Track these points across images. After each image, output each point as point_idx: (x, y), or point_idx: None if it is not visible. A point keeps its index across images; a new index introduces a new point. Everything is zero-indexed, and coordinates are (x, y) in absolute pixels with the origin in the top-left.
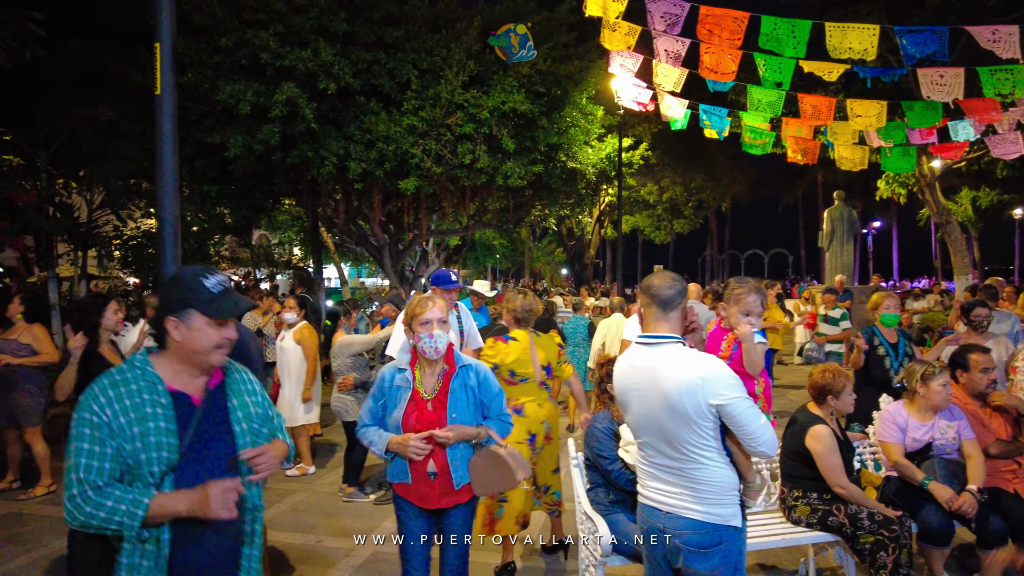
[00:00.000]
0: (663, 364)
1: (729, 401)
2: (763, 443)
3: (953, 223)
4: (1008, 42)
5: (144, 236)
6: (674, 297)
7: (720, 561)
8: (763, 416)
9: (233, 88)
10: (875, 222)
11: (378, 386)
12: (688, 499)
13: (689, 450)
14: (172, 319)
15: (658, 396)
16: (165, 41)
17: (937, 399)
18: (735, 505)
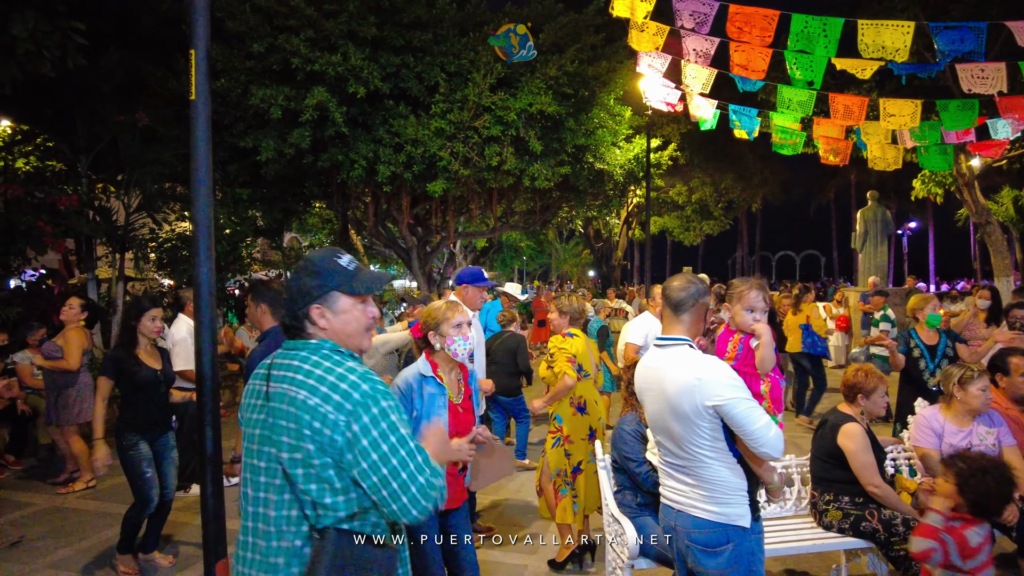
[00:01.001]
0: (668, 365)
1: (726, 402)
2: (764, 444)
3: (993, 223)
4: None
5: (178, 239)
6: (685, 300)
7: (729, 561)
8: (766, 417)
9: (265, 93)
10: (911, 223)
11: (403, 399)
12: (696, 498)
13: (692, 450)
14: (316, 306)
15: (663, 397)
16: (200, 48)
17: (975, 403)
18: (743, 505)
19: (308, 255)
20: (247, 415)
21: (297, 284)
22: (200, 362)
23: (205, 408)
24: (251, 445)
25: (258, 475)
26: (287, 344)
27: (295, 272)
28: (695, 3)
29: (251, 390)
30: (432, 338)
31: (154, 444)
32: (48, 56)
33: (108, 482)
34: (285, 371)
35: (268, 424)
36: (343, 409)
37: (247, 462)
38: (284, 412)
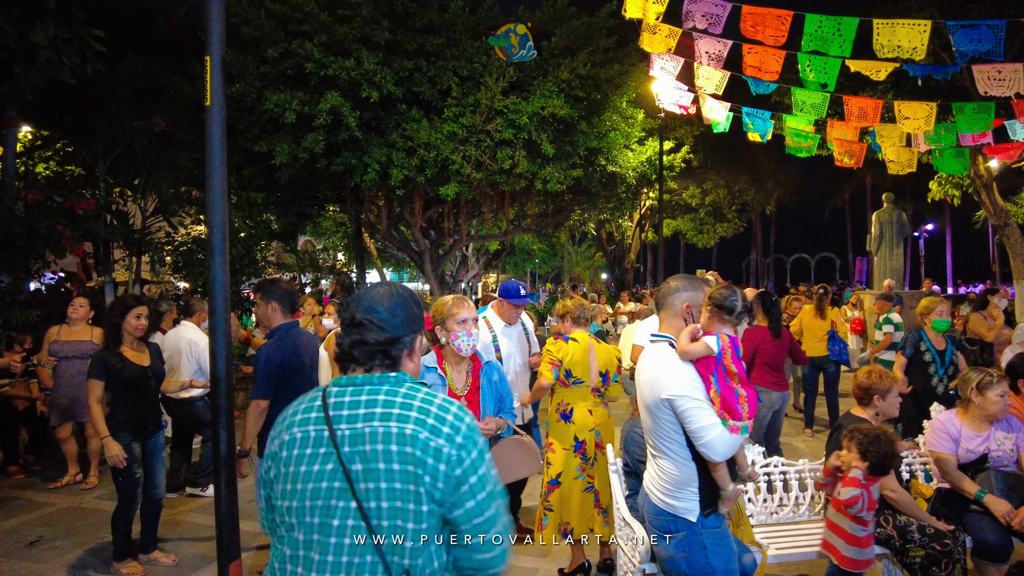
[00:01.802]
0: (648, 360)
1: (674, 397)
2: (703, 443)
3: (1012, 225)
4: None
5: (194, 242)
6: (663, 297)
7: (678, 548)
8: (712, 419)
9: (279, 98)
10: (927, 225)
11: None
12: (656, 485)
13: (656, 441)
14: (418, 337)
15: (639, 388)
16: (215, 54)
17: (993, 409)
18: (691, 500)
19: (399, 285)
20: (295, 468)
21: (407, 312)
22: (214, 364)
23: (219, 410)
24: (313, 502)
25: (329, 535)
26: (360, 379)
27: (400, 301)
28: (707, 4)
29: (302, 438)
30: (439, 332)
31: (145, 444)
32: (68, 63)
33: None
34: (371, 407)
35: (348, 473)
36: (453, 442)
37: (305, 522)
38: (384, 453)
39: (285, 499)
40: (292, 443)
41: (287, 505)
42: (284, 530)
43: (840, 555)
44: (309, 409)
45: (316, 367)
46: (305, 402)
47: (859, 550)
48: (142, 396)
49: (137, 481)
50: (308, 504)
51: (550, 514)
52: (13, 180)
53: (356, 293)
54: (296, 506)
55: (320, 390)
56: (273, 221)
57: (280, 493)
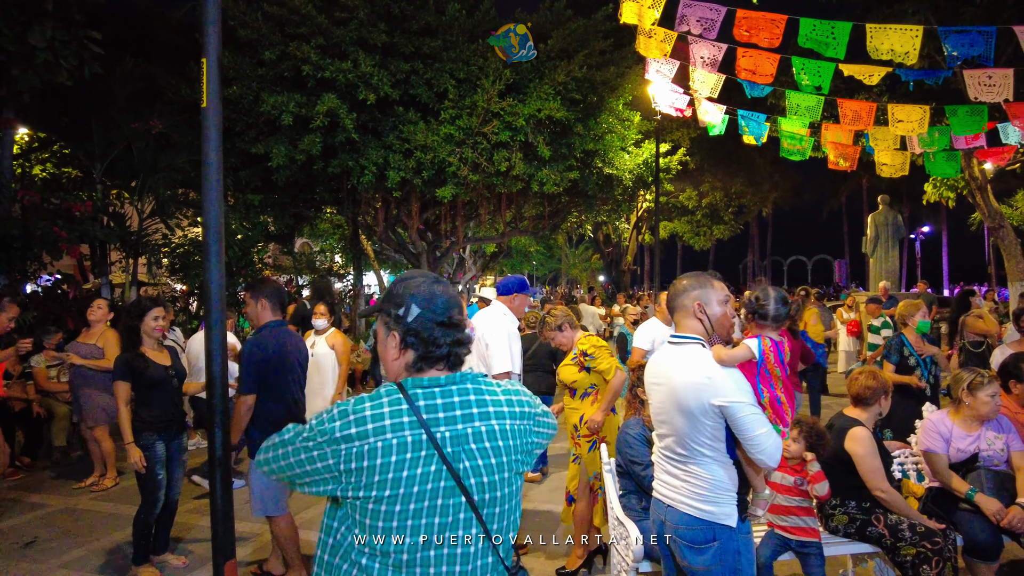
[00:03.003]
0: (680, 362)
1: (731, 403)
2: (761, 451)
3: (1007, 227)
4: None
5: (191, 244)
6: (674, 298)
7: (714, 558)
8: (768, 426)
9: (276, 100)
10: (923, 227)
11: None
12: (687, 494)
13: (692, 446)
14: None
15: (670, 392)
16: (211, 56)
17: (984, 410)
18: (730, 505)
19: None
20: (399, 474)
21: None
22: (210, 365)
23: (215, 410)
24: (434, 502)
25: (457, 528)
26: (444, 380)
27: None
28: (702, 9)
29: (400, 444)
30: None
31: (169, 445)
32: (65, 65)
33: (121, 484)
34: (468, 407)
35: (455, 472)
36: (543, 424)
37: (416, 524)
38: (493, 449)
39: (385, 504)
40: (394, 449)
41: (387, 510)
42: (381, 535)
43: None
44: (397, 412)
45: (304, 367)
46: (380, 407)
47: (815, 518)
48: (167, 396)
49: (161, 483)
50: (413, 507)
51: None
52: (10, 182)
53: (424, 284)
54: (399, 510)
55: (392, 392)
56: (270, 223)
57: (378, 500)
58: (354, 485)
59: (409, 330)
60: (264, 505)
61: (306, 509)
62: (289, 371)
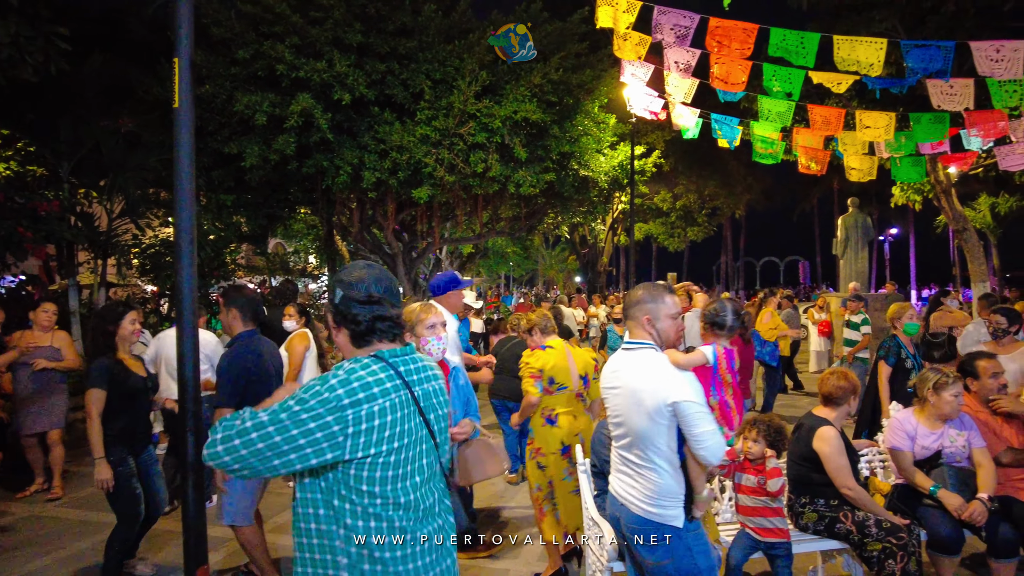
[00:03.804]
0: (633, 366)
1: (681, 401)
2: (705, 447)
3: (970, 230)
4: (1012, 60)
5: (162, 245)
6: (628, 307)
7: (665, 554)
8: (714, 425)
9: (250, 99)
10: (892, 229)
11: None
12: (637, 495)
13: (646, 447)
14: None
15: (626, 395)
16: (184, 55)
17: (947, 409)
18: (677, 508)
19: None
20: (397, 428)
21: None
22: (182, 368)
23: (187, 415)
24: (420, 447)
25: (421, 460)
26: (408, 349)
27: (392, 280)
28: (676, 16)
29: (393, 404)
30: (407, 338)
31: (139, 458)
32: (31, 61)
33: (87, 491)
34: (425, 371)
35: (431, 420)
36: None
37: (415, 466)
38: (443, 403)
39: (393, 456)
40: (387, 410)
41: (394, 460)
42: (386, 484)
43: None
44: (389, 379)
45: (281, 372)
46: (375, 374)
47: (784, 519)
48: (142, 409)
49: (139, 496)
50: (407, 455)
51: (558, 509)
52: None
53: (350, 272)
54: (400, 459)
55: (375, 362)
56: (243, 223)
57: (386, 454)
58: (363, 445)
59: (336, 311)
60: (235, 514)
61: (279, 514)
62: (267, 380)
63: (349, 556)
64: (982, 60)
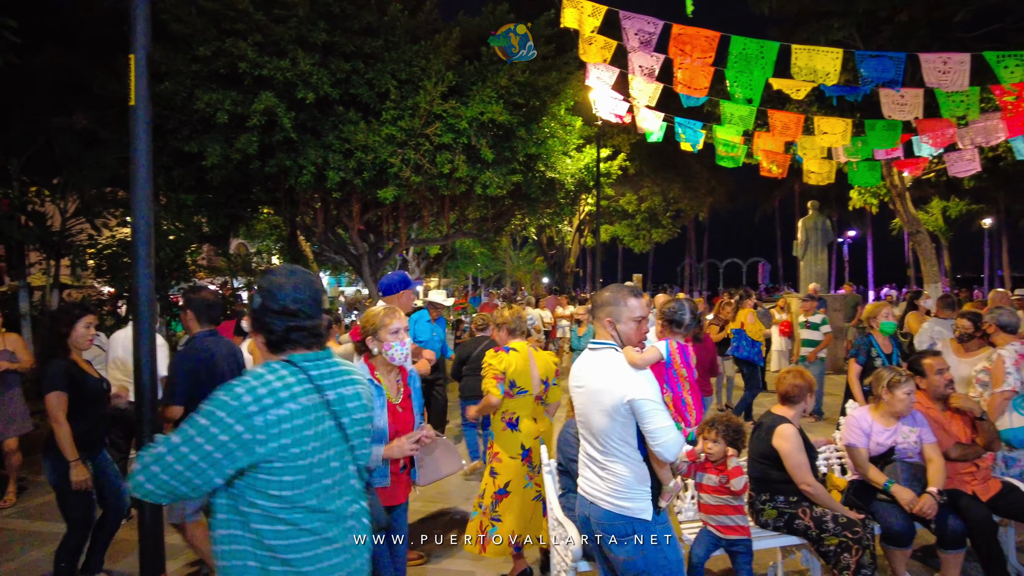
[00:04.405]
0: (594, 366)
1: (637, 398)
2: (660, 443)
3: (923, 232)
4: (958, 72)
5: (119, 245)
6: (594, 309)
7: (635, 550)
8: (668, 421)
9: (211, 97)
10: (850, 231)
11: None
12: (605, 491)
13: (608, 444)
14: None
15: (589, 394)
16: (140, 51)
17: (900, 406)
18: (645, 500)
19: (304, 270)
20: (305, 432)
21: (320, 296)
22: (139, 372)
23: (144, 419)
24: (330, 449)
25: (330, 463)
26: (318, 355)
27: (316, 287)
28: (641, 22)
29: (304, 408)
30: (370, 343)
31: (95, 462)
32: None
33: (38, 499)
34: (340, 375)
35: (345, 423)
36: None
37: (324, 469)
38: (359, 407)
39: (299, 460)
40: (296, 413)
41: (301, 464)
42: (295, 488)
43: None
44: (297, 383)
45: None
46: (284, 379)
47: (745, 516)
48: (100, 412)
49: (93, 502)
50: (318, 458)
51: (498, 525)
52: None
53: (270, 280)
54: (307, 463)
55: (285, 367)
56: (204, 223)
57: (292, 457)
58: (270, 450)
59: (254, 317)
60: (185, 511)
61: None
62: (220, 380)
63: (259, 560)
64: (931, 71)
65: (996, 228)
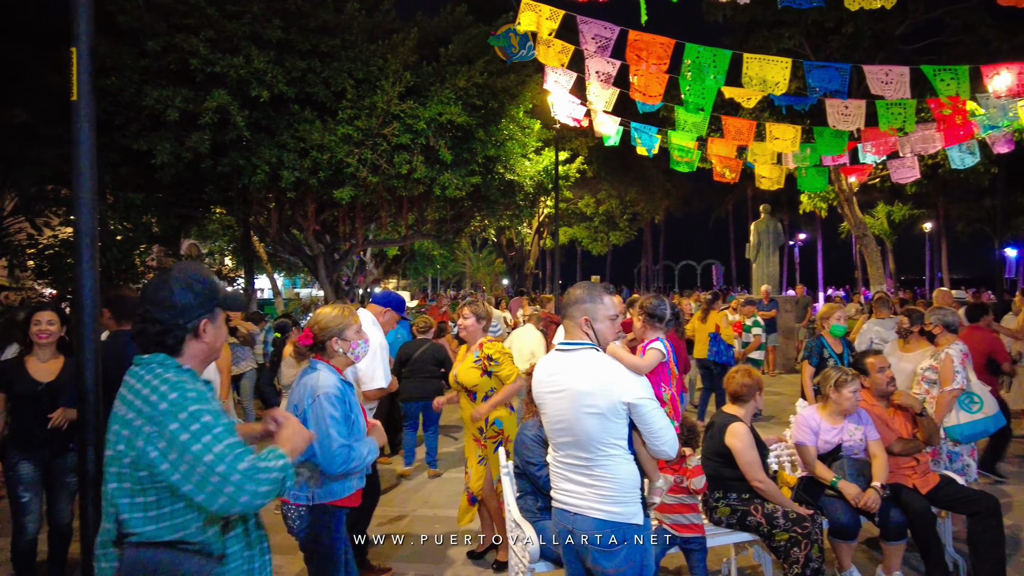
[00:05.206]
0: (578, 367)
1: (640, 399)
2: (664, 442)
3: (869, 236)
4: (899, 83)
5: (62, 245)
6: (566, 307)
7: (625, 559)
8: (667, 420)
9: (160, 94)
10: (801, 234)
11: (344, 405)
12: (593, 499)
13: (599, 449)
14: (206, 319)
15: (571, 397)
16: (82, 44)
17: (846, 405)
18: (636, 503)
19: (185, 268)
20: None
21: (186, 297)
22: (82, 378)
23: (87, 426)
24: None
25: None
26: (145, 360)
27: (179, 284)
28: (598, 27)
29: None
30: (336, 344)
31: (50, 465)
32: None
33: None
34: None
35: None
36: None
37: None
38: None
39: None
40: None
41: None
42: None
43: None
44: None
45: None
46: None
47: (700, 514)
48: (36, 415)
49: (25, 507)
50: None
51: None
52: None
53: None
54: None
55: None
56: (154, 223)
57: None
58: None
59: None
60: None
61: None
62: None
63: None
64: (874, 81)
65: (936, 232)
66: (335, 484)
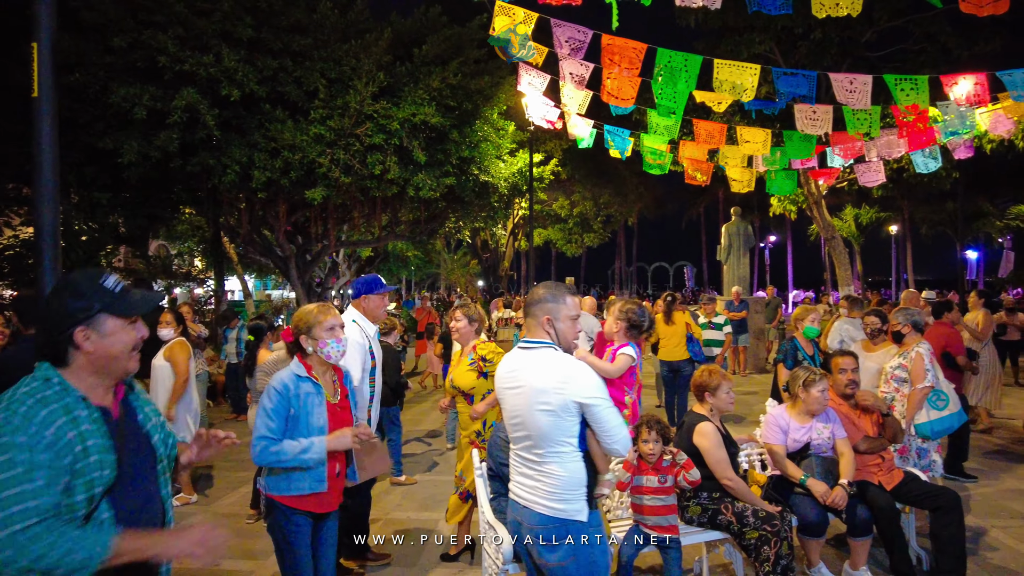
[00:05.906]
0: (536, 364)
1: (592, 399)
2: (616, 441)
3: (837, 238)
4: (863, 92)
5: (23, 245)
6: (529, 305)
7: (567, 553)
8: (621, 418)
9: (127, 91)
10: (771, 236)
11: (282, 399)
12: (540, 494)
13: (549, 444)
14: (81, 328)
15: (527, 394)
16: (44, 40)
17: (815, 405)
18: (581, 500)
19: (70, 276)
20: None
21: (57, 306)
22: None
23: None
24: None
25: None
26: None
27: (53, 293)
28: (572, 30)
29: None
30: (304, 342)
31: None
32: None
33: None
34: None
35: None
36: None
37: None
38: None
39: None
40: None
41: None
42: None
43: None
44: None
45: None
46: None
47: (676, 515)
48: None
49: None
50: None
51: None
52: None
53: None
54: None
55: None
56: (120, 224)
57: None
58: None
59: None
60: None
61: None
62: None
63: None
64: (840, 89)
65: (902, 234)
66: (278, 479)
